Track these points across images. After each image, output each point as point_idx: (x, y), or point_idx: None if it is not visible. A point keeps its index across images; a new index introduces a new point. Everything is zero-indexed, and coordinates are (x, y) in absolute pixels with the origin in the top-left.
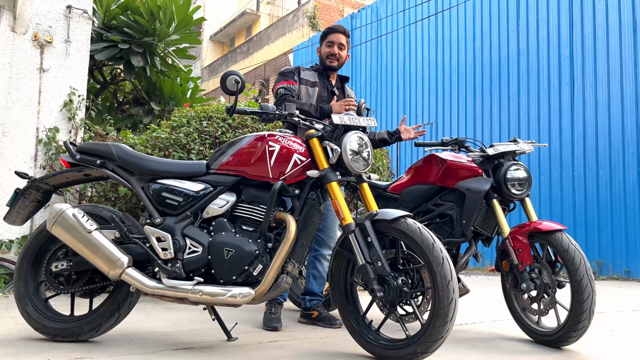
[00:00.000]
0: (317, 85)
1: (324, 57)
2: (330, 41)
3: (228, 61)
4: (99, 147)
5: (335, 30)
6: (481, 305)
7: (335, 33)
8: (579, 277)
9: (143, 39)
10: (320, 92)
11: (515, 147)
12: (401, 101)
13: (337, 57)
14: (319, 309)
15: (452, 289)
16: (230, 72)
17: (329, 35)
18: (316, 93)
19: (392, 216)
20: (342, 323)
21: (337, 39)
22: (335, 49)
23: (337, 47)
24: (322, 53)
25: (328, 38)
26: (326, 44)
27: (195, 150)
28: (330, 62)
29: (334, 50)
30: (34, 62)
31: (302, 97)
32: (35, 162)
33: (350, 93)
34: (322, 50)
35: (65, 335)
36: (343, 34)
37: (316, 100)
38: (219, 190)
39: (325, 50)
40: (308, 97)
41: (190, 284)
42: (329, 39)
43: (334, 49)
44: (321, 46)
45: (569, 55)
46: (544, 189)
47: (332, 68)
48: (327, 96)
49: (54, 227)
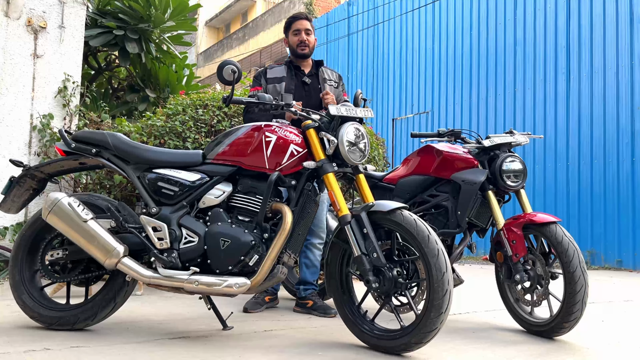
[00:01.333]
0: (284, 80)
1: (294, 46)
2: (296, 29)
3: (223, 47)
4: (94, 136)
5: (298, 17)
6: (475, 295)
7: (298, 20)
8: (572, 268)
9: (138, 25)
10: (288, 86)
11: (511, 138)
12: (397, 90)
13: (306, 44)
14: (314, 298)
15: (446, 281)
16: (226, 62)
17: (293, 24)
18: (283, 88)
19: (388, 208)
20: (337, 312)
21: (302, 26)
22: (303, 35)
23: (304, 33)
24: (290, 43)
25: (293, 27)
26: (293, 33)
27: (191, 139)
28: (301, 49)
29: (302, 37)
30: (28, 47)
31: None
32: (30, 149)
33: (329, 75)
34: (290, 40)
35: (61, 324)
36: (306, 19)
37: (284, 94)
38: (215, 180)
39: (294, 39)
40: (276, 94)
41: (186, 274)
42: (294, 27)
43: (302, 35)
44: (288, 37)
45: (565, 45)
46: (539, 179)
47: (305, 55)
48: (295, 88)
49: (49, 216)
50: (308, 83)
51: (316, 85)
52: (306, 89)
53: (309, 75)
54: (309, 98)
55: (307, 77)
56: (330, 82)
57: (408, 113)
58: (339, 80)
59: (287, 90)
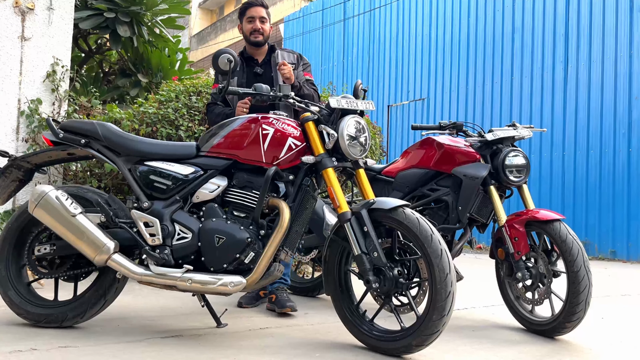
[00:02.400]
0: (235, 75)
1: (247, 34)
2: (250, 17)
3: (217, 30)
4: (83, 126)
5: (253, 4)
6: (472, 288)
7: (254, 7)
8: (576, 268)
9: (130, 7)
10: (239, 80)
11: (514, 132)
12: (393, 76)
13: (261, 32)
14: (278, 292)
15: (449, 282)
16: (222, 51)
17: (247, 10)
18: (234, 84)
19: (390, 205)
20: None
21: (257, 13)
22: (257, 23)
23: (258, 21)
24: (244, 30)
25: (247, 14)
26: (247, 20)
27: (184, 127)
28: (255, 37)
29: (256, 25)
30: (15, 30)
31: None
32: (17, 135)
33: (283, 58)
34: (244, 27)
35: (49, 321)
36: (262, 6)
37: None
38: (209, 174)
39: (248, 26)
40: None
41: (179, 272)
42: (249, 14)
43: (256, 23)
44: (242, 24)
45: (564, 33)
46: (534, 168)
47: (258, 43)
48: (246, 81)
49: (36, 209)
50: (260, 74)
51: (269, 74)
52: (258, 80)
53: (262, 64)
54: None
55: (259, 66)
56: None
57: (404, 100)
58: (297, 61)
59: (238, 85)
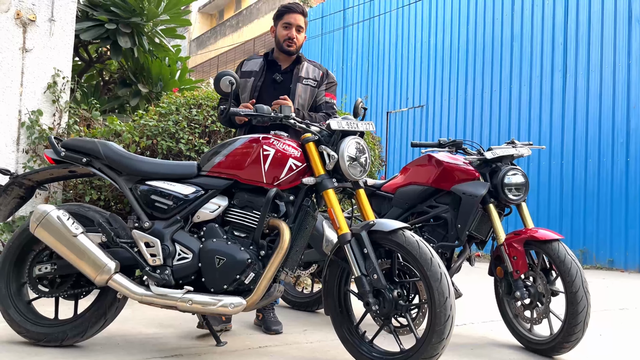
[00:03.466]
0: (253, 75)
1: (280, 40)
2: (287, 22)
3: (217, 34)
4: (85, 144)
5: (293, 10)
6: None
7: (292, 13)
8: (574, 288)
9: (131, 18)
10: (255, 82)
11: (513, 150)
12: (392, 83)
13: (294, 41)
14: (264, 312)
15: (449, 306)
16: (224, 73)
17: (285, 15)
18: (249, 84)
19: (390, 228)
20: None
21: (295, 21)
22: (293, 31)
23: (295, 29)
24: (277, 35)
25: (285, 19)
26: (282, 26)
27: (185, 140)
28: (288, 46)
29: (292, 34)
30: (17, 41)
31: (242, 90)
32: (18, 146)
33: (310, 73)
34: (278, 32)
35: (49, 340)
36: (302, 14)
37: (249, 91)
38: (210, 194)
39: (282, 32)
40: (244, 89)
41: (179, 293)
42: (286, 19)
43: (292, 31)
44: (276, 27)
45: (562, 42)
46: (532, 176)
47: (290, 53)
48: (262, 85)
49: (37, 229)
50: (279, 81)
51: (288, 85)
52: (275, 88)
53: (284, 72)
54: (276, 98)
55: (280, 74)
56: (306, 80)
57: (403, 107)
58: (321, 79)
59: (253, 87)
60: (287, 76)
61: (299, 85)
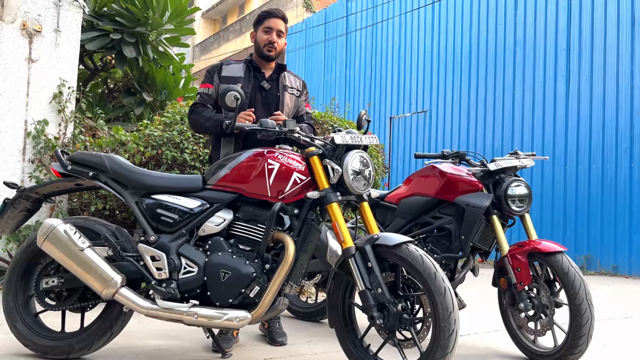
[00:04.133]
0: (240, 81)
1: (260, 45)
2: (268, 27)
3: (220, 39)
4: (91, 158)
5: (274, 14)
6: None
7: (274, 18)
8: (578, 301)
9: (135, 28)
10: (244, 88)
11: (516, 162)
12: (395, 88)
13: (275, 46)
14: (271, 322)
15: (453, 320)
16: (229, 88)
17: (266, 19)
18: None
19: (394, 242)
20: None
21: (275, 25)
22: (274, 36)
23: (275, 34)
24: (258, 40)
25: (265, 23)
26: (263, 30)
27: (189, 150)
28: (268, 50)
29: (272, 38)
30: (23, 52)
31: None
32: (24, 156)
33: (291, 82)
34: (259, 36)
35: (56, 354)
36: (282, 19)
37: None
38: (215, 208)
39: (263, 37)
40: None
41: (185, 306)
42: (267, 24)
43: (272, 36)
44: (257, 32)
45: (565, 47)
46: (536, 182)
47: (270, 58)
48: (251, 92)
49: (44, 243)
50: (266, 88)
51: (275, 92)
52: (263, 95)
53: (269, 79)
54: (265, 105)
55: (266, 81)
56: (291, 90)
57: (406, 112)
58: (302, 89)
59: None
60: (272, 84)
61: (285, 94)
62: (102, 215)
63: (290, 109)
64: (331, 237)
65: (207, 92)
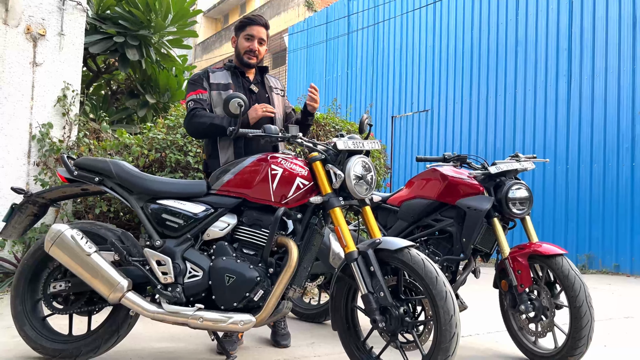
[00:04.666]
0: (230, 87)
1: (241, 52)
2: (249, 34)
3: (222, 39)
4: (97, 164)
5: (256, 22)
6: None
7: (255, 25)
8: (578, 303)
9: (138, 31)
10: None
11: (517, 165)
12: (397, 87)
13: (256, 54)
14: (276, 322)
15: (454, 324)
16: (233, 95)
17: (248, 27)
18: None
19: (396, 246)
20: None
21: (257, 33)
22: (255, 44)
23: (257, 42)
24: (239, 47)
25: (247, 30)
26: (244, 37)
27: (193, 152)
28: (248, 58)
29: (253, 46)
30: (27, 55)
31: (214, 103)
32: (29, 159)
33: (274, 83)
34: (240, 43)
35: (63, 357)
36: (264, 26)
37: None
38: (219, 212)
39: (244, 44)
40: (221, 102)
41: (191, 310)
42: (249, 31)
43: (254, 44)
44: (238, 38)
45: (567, 47)
46: (538, 181)
47: (250, 65)
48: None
49: (52, 248)
50: (255, 91)
51: (263, 94)
52: (254, 98)
53: (255, 82)
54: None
55: (253, 84)
56: (276, 90)
57: (408, 111)
58: (283, 89)
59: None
60: (259, 86)
61: (273, 95)
62: (106, 217)
63: (281, 109)
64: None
65: (202, 98)
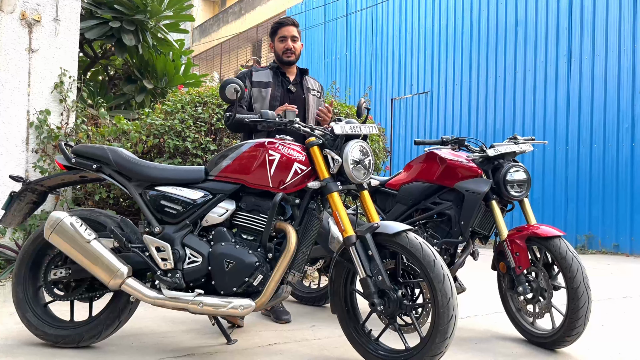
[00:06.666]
0: (270, 85)
1: (279, 53)
2: (282, 36)
3: (219, 22)
4: (95, 151)
5: (285, 23)
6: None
7: (285, 27)
8: (575, 284)
9: (134, 16)
10: (274, 92)
11: (515, 147)
12: (396, 69)
13: (292, 51)
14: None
15: (452, 306)
16: (229, 80)
17: (279, 30)
18: (269, 94)
19: (394, 230)
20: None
21: (288, 33)
22: (289, 42)
23: (290, 40)
24: (276, 50)
25: (279, 33)
26: (279, 40)
27: (191, 138)
28: (287, 57)
29: (288, 45)
30: (23, 42)
31: (255, 99)
32: (27, 146)
33: (312, 85)
34: (276, 46)
35: (66, 342)
36: (293, 25)
37: (269, 100)
38: (218, 198)
39: (280, 46)
40: (261, 99)
41: (190, 296)
42: (281, 33)
43: (288, 42)
44: (274, 42)
45: (567, 26)
46: (537, 162)
47: (291, 62)
48: (281, 95)
49: (51, 236)
50: (293, 91)
51: (300, 94)
52: (291, 97)
53: (294, 83)
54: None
55: (292, 84)
56: (313, 92)
57: (407, 93)
58: (321, 90)
59: (272, 97)
60: (297, 87)
61: (309, 96)
62: (106, 204)
63: (315, 108)
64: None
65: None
